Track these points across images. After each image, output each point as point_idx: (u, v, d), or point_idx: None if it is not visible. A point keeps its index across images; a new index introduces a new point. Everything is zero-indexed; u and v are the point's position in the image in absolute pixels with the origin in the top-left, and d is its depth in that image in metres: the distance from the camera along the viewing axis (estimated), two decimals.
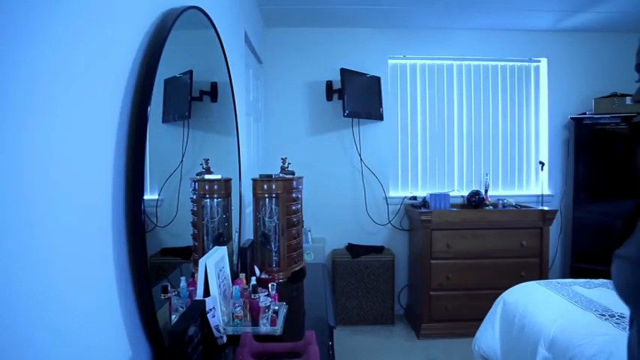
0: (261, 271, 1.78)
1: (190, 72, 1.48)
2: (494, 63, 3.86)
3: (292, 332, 1.34)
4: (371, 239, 3.77)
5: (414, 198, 3.72)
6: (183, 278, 1.29)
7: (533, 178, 3.92)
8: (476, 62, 3.85)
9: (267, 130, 3.67)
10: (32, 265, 0.67)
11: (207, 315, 1.16)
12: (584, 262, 3.55)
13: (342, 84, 3.46)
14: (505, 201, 3.62)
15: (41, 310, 0.68)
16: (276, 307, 1.39)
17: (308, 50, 3.72)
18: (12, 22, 0.63)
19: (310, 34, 3.71)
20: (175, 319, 1.13)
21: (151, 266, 1.03)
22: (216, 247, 1.45)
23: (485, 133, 3.89)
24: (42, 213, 0.69)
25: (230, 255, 1.65)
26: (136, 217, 0.98)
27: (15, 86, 0.63)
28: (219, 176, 1.68)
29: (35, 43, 0.68)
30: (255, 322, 1.32)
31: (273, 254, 1.93)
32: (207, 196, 1.65)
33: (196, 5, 1.42)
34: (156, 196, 1.20)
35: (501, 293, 2.54)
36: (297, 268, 2.02)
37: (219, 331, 1.21)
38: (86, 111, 0.83)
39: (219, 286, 1.30)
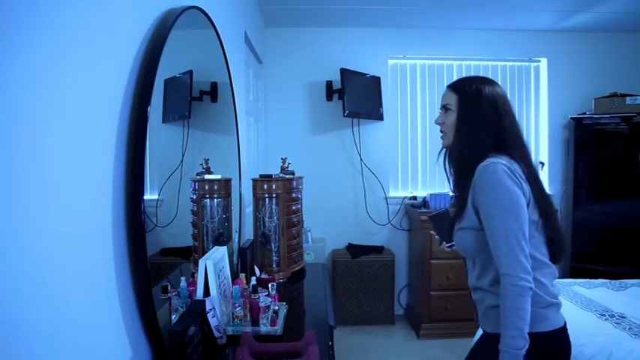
0: (261, 271, 1.78)
1: (190, 72, 1.48)
2: (494, 63, 3.85)
3: (292, 332, 1.34)
4: (371, 239, 3.76)
5: (414, 198, 3.72)
6: (183, 278, 1.29)
7: None
8: (476, 62, 3.84)
9: (267, 130, 3.67)
10: (32, 266, 0.67)
11: (207, 315, 1.16)
12: (584, 262, 3.54)
13: (342, 84, 3.46)
14: None
15: (41, 311, 0.68)
16: (276, 307, 1.39)
17: (308, 50, 3.72)
18: (11, 20, 0.63)
19: (310, 34, 3.71)
20: (175, 319, 1.13)
21: (151, 266, 1.03)
22: (216, 247, 1.45)
23: None
24: (41, 213, 0.69)
25: (230, 255, 1.65)
26: (136, 217, 0.98)
27: (13, 85, 0.63)
28: (219, 176, 1.68)
29: (34, 42, 0.67)
30: (255, 322, 1.32)
31: (273, 254, 1.93)
32: (207, 196, 1.65)
33: (196, 5, 1.42)
34: (156, 196, 1.20)
35: None
36: (297, 268, 2.02)
37: (219, 331, 1.21)
38: (86, 110, 0.83)
39: (219, 286, 1.30)
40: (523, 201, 1.14)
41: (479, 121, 1.23)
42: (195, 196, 1.58)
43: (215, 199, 1.68)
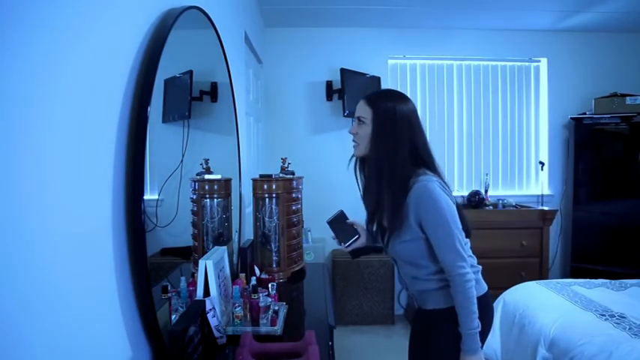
0: (261, 271, 1.78)
1: (190, 72, 1.48)
2: (494, 63, 3.85)
3: (292, 332, 1.34)
4: None
5: None
6: (183, 278, 1.29)
7: (533, 178, 3.91)
8: (476, 62, 3.84)
9: (267, 130, 3.67)
10: (32, 266, 0.67)
11: (207, 315, 1.16)
12: (584, 262, 3.54)
13: (342, 84, 3.46)
14: (505, 201, 3.62)
15: (41, 311, 0.68)
16: (276, 307, 1.39)
17: (308, 50, 3.72)
18: (11, 19, 0.63)
19: (310, 34, 3.70)
20: (175, 319, 1.13)
21: (151, 266, 1.03)
22: (216, 247, 1.45)
23: (485, 133, 3.88)
24: (41, 213, 0.69)
25: (230, 255, 1.65)
26: (136, 217, 0.98)
27: (12, 85, 0.63)
28: (219, 176, 1.68)
29: (33, 42, 0.67)
30: (255, 322, 1.32)
31: (273, 254, 1.93)
32: (207, 196, 1.65)
33: (196, 5, 1.42)
34: (156, 196, 1.20)
35: (501, 293, 2.54)
36: (297, 268, 2.02)
37: (219, 331, 1.21)
38: (86, 110, 0.83)
39: (219, 286, 1.30)
40: (455, 207, 1.31)
41: (395, 137, 1.32)
42: (195, 196, 1.58)
43: (215, 199, 1.68)
